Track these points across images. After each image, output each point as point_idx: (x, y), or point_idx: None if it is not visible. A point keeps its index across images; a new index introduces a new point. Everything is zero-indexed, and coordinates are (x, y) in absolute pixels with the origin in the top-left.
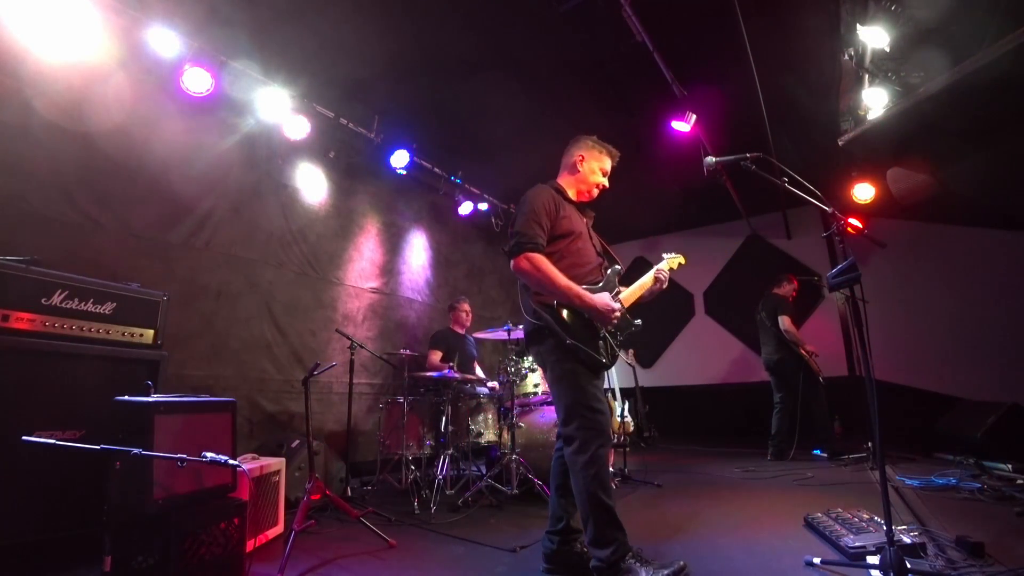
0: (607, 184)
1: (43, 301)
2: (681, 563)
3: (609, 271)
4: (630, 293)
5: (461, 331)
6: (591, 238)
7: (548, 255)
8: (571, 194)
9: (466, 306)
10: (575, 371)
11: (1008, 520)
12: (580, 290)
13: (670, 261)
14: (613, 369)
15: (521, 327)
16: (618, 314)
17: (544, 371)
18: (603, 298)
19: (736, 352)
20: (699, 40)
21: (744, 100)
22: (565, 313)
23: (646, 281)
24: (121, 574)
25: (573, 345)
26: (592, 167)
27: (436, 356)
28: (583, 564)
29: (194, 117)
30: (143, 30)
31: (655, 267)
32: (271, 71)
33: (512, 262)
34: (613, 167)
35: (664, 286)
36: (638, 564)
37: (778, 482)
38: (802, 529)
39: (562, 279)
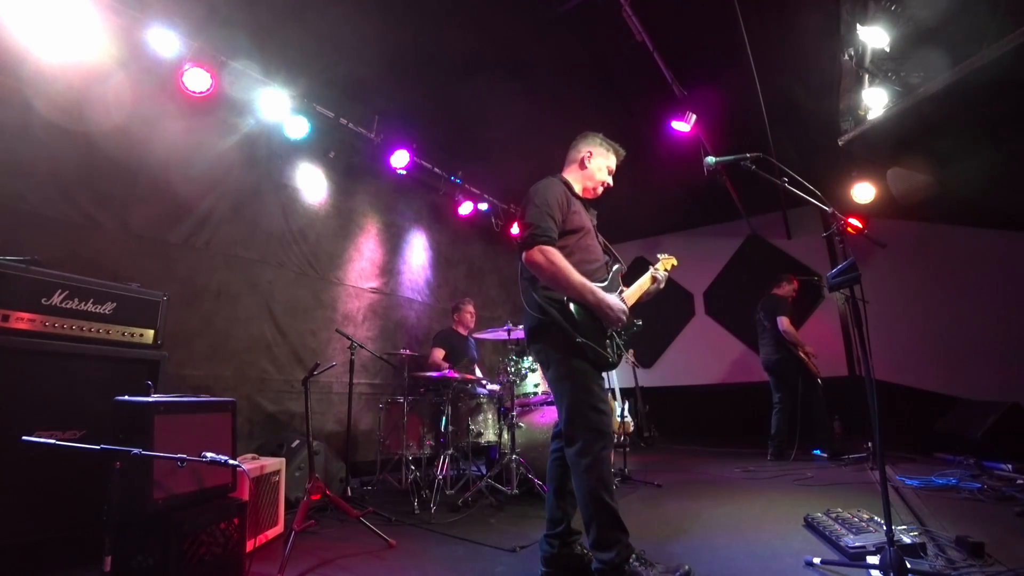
0: (611, 183)
1: (43, 301)
2: (686, 567)
3: (614, 269)
4: (631, 293)
5: (464, 332)
6: (597, 236)
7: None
8: (577, 189)
9: (471, 307)
10: (581, 370)
11: (1008, 520)
12: (594, 287)
13: (664, 262)
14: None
15: (522, 327)
16: (626, 316)
17: (545, 369)
18: (613, 298)
19: (736, 352)
20: (699, 40)
21: (744, 100)
22: (574, 309)
23: (644, 282)
24: (121, 574)
25: (583, 343)
26: (599, 164)
27: (439, 354)
28: (584, 566)
29: (194, 117)
30: (143, 30)
31: (651, 268)
32: (271, 71)
33: (524, 254)
34: (618, 166)
35: (661, 287)
36: (642, 566)
37: (778, 482)
38: (802, 529)
39: (576, 275)
